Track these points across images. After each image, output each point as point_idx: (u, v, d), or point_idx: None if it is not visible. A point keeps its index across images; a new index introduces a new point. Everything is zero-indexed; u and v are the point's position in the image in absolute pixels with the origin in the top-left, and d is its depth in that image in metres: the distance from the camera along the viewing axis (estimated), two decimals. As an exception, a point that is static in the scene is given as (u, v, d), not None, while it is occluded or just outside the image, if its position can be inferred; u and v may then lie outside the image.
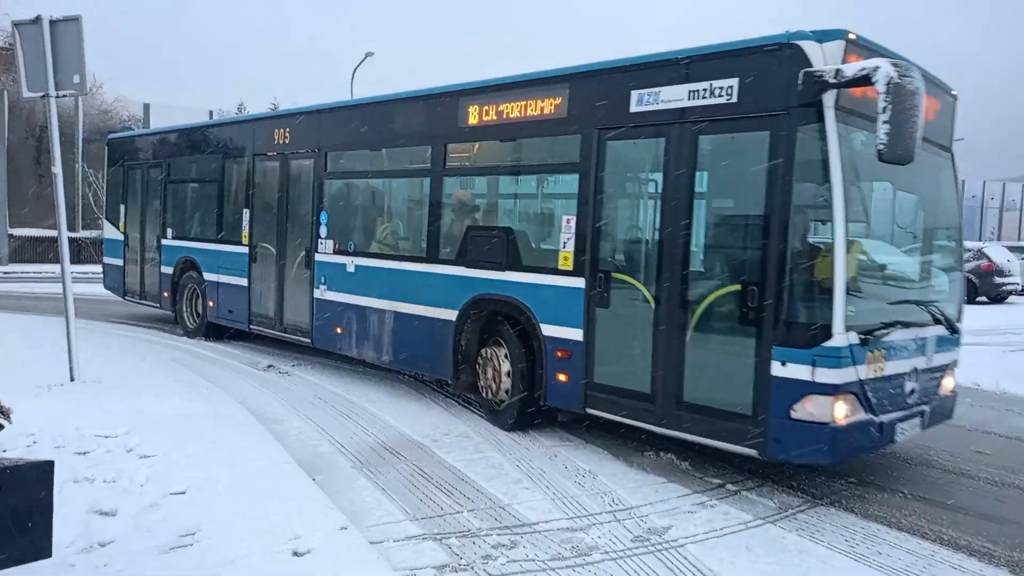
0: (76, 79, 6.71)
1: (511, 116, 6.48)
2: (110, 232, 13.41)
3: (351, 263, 8.20)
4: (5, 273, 24.50)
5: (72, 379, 6.90)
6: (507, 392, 6.60)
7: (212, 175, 10.71)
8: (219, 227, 10.49)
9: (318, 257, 8.62)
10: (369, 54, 32.30)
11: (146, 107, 33.45)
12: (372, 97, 8.29)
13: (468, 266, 6.85)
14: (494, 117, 6.63)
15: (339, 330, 8.31)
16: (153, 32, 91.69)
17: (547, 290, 6.15)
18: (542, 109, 6.23)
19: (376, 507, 4.70)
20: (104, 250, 13.97)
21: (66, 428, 5.32)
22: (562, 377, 6.04)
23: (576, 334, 5.91)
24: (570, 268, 5.98)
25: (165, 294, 11.56)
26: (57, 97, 6.74)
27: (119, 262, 12.95)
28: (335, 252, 8.41)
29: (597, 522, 4.62)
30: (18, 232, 28.00)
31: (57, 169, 6.88)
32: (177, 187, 11.57)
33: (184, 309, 11.21)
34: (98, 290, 14.28)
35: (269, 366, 9.13)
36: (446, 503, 4.82)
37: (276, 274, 9.34)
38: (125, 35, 79.08)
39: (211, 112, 29.51)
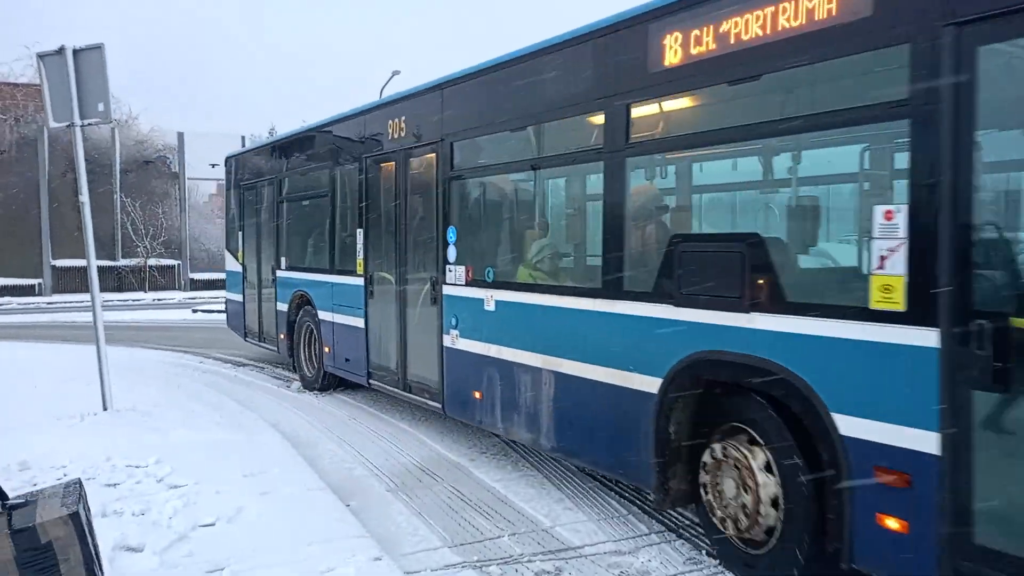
0: (100, 107, 6.67)
1: (754, 35, 3.62)
2: (230, 264, 11.89)
3: (490, 298, 5.65)
4: (49, 304, 25.88)
5: (105, 408, 6.85)
6: (769, 532, 3.72)
7: (322, 188, 8.62)
8: (331, 253, 8.37)
9: (446, 290, 6.16)
10: (396, 72, 30.85)
11: (180, 136, 33.32)
12: (507, 55, 5.60)
13: (679, 304, 4.05)
14: (715, 45, 3.82)
15: (478, 395, 5.79)
16: (181, 59, 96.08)
17: (843, 350, 3.23)
18: (826, 10, 3.32)
19: (412, 534, 4.57)
20: (226, 284, 12.55)
21: (96, 458, 5.37)
22: (891, 523, 3.09)
23: (920, 439, 2.96)
24: (897, 306, 3.04)
25: (281, 336, 9.65)
26: (82, 126, 6.72)
27: (238, 298, 11.34)
28: (468, 283, 5.92)
29: (650, 543, 4.37)
30: (60, 263, 28.97)
31: (84, 198, 6.97)
32: (290, 206, 9.65)
33: (302, 354, 9.18)
34: (150, 316, 15.80)
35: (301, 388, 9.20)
36: (485, 527, 4.64)
37: (396, 313, 7.03)
38: (154, 63, 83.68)
39: (243, 138, 29.11)
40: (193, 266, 33.17)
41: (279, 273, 9.70)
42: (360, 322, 7.63)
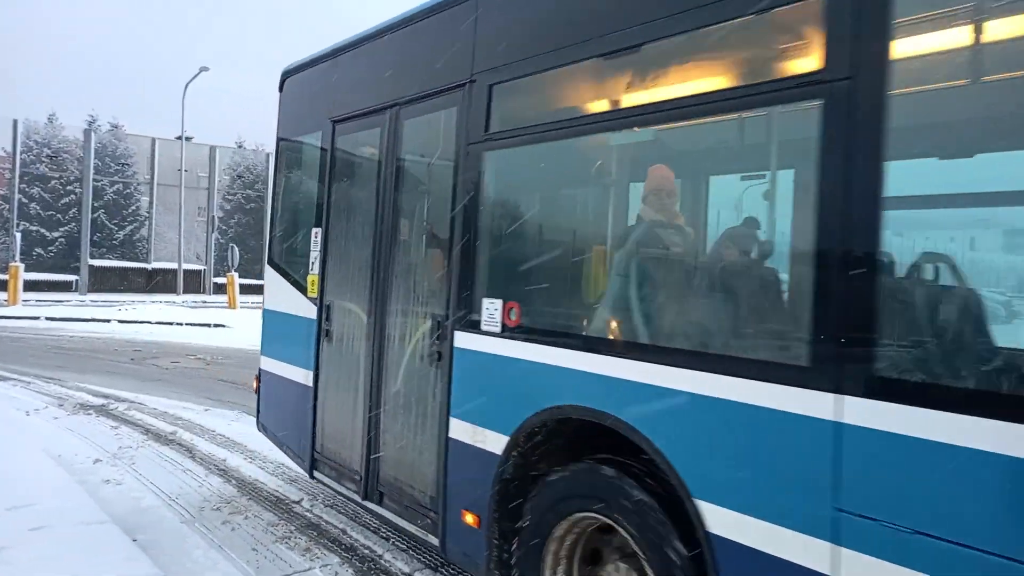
0: None
1: None
2: (283, 297, 5.52)
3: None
4: None
5: None
6: None
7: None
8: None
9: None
10: (204, 69, 30.76)
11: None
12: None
13: None
14: None
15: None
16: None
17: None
18: None
19: (211, 569, 4.15)
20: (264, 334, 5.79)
21: None
22: None
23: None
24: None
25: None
26: None
27: (298, 375, 5.17)
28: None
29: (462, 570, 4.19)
30: None
31: None
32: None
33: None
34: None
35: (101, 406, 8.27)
36: (297, 560, 4.31)
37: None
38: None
39: (15, 121, 27.34)
40: None
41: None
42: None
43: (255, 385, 5.73)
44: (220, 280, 33.69)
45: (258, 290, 35.50)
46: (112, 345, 15.20)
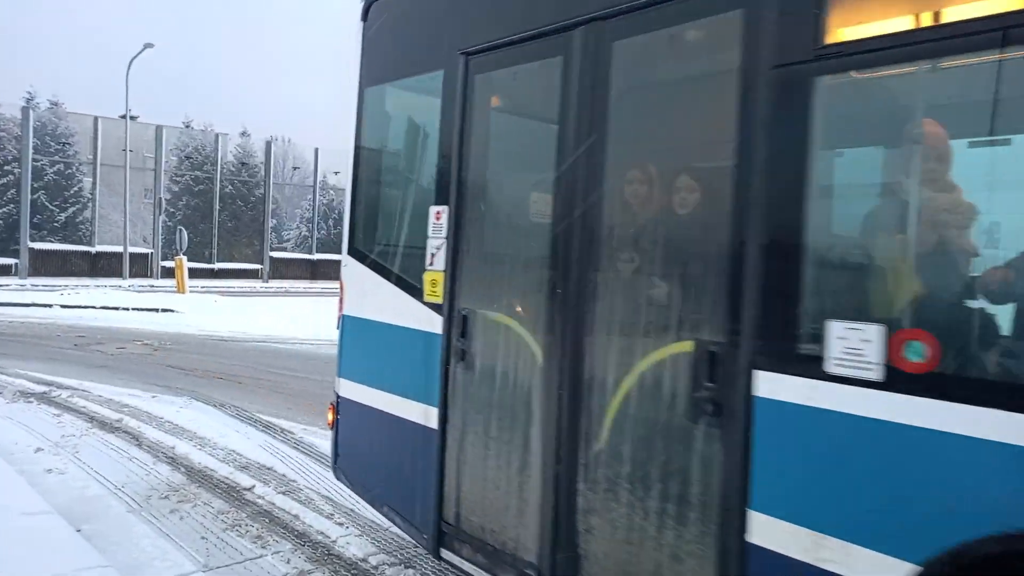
0: None
1: None
2: (377, 299, 4.13)
3: None
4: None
5: None
6: None
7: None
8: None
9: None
10: (148, 46, 30.21)
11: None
12: None
13: None
14: None
15: None
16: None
17: None
18: None
19: (159, 558, 4.06)
20: (344, 349, 4.41)
21: None
22: None
23: None
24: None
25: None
26: None
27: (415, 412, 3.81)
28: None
29: (423, 552, 4.04)
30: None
31: None
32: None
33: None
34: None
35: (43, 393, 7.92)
36: (248, 548, 4.27)
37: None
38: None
39: None
40: None
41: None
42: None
43: (330, 418, 4.37)
44: (168, 264, 32.88)
45: (208, 275, 34.81)
46: (54, 331, 14.70)
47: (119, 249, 33.63)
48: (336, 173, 40.53)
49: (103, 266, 34.47)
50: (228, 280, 34.57)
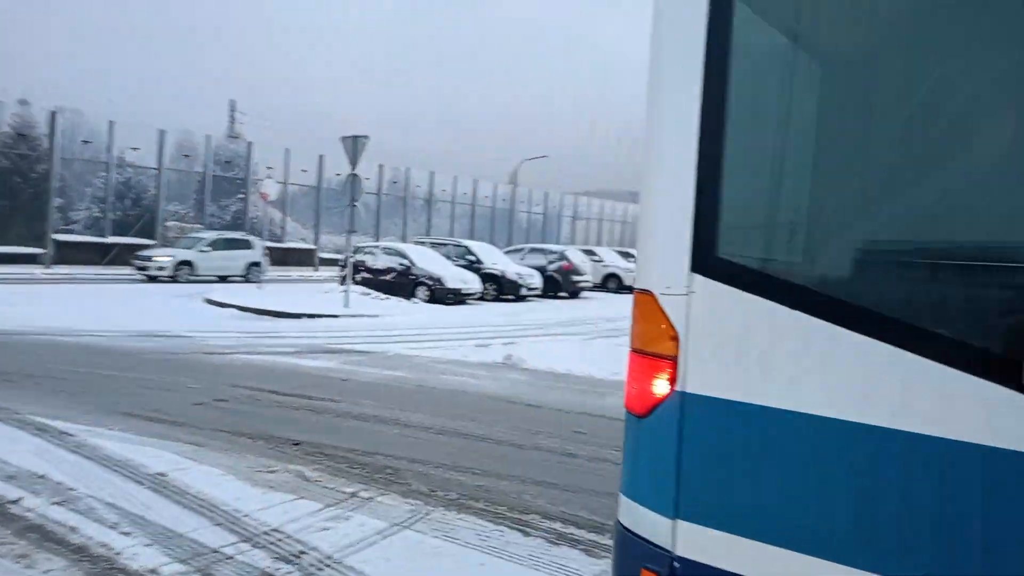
0: None
1: None
2: (799, 363, 2.01)
3: None
4: None
5: None
6: None
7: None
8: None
9: None
10: None
11: None
12: None
13: None
14: None
15: None
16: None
17: None
18: None
19: None
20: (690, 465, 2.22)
21: None
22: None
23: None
24: None
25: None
26: None
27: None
28: None
29: (222, 558, 3.96)
30: None
31: None
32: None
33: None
34: None
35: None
36: (10, 570, 3.76)
37: None
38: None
39: None
40: None
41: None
42: None
43: None
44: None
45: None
46: None
47: None
48: (135, 149, 36.92)
49: None
50: (2, 266, 30.53)
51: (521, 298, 23.73)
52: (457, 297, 21.26)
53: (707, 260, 2.13)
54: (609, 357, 11.68)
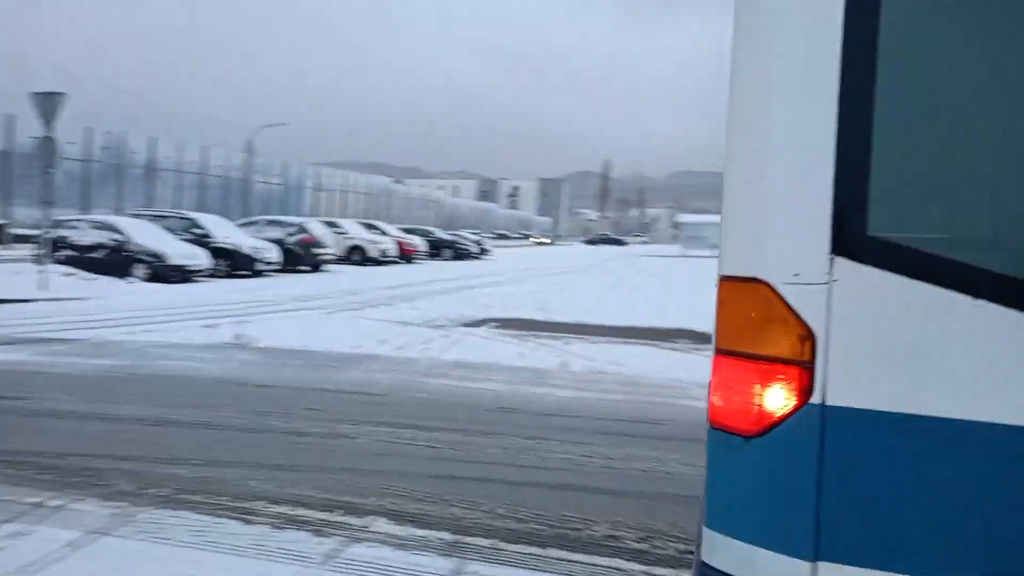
0: None
1: None
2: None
3: None
4: None
5: None
6: None
7: None
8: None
9: None
10: None
11: None
12: None
13: None
14: None
15: None
16: None
17: None
18: None
19: None
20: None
21: None
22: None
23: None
24: None
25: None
26: None
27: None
28: None
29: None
30: None
31: None
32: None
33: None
34: None
35: None
36: None
37: None
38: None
39: None
40: None
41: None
42: None
43: None
44: None
45: None
46: None
47: None
48: None
49: None
50: None
51: (258, 273, 22.43)
52: (183, 274, 19.49)
53: (854, 240, 1.68)
54: (351, 331, 11.55)
